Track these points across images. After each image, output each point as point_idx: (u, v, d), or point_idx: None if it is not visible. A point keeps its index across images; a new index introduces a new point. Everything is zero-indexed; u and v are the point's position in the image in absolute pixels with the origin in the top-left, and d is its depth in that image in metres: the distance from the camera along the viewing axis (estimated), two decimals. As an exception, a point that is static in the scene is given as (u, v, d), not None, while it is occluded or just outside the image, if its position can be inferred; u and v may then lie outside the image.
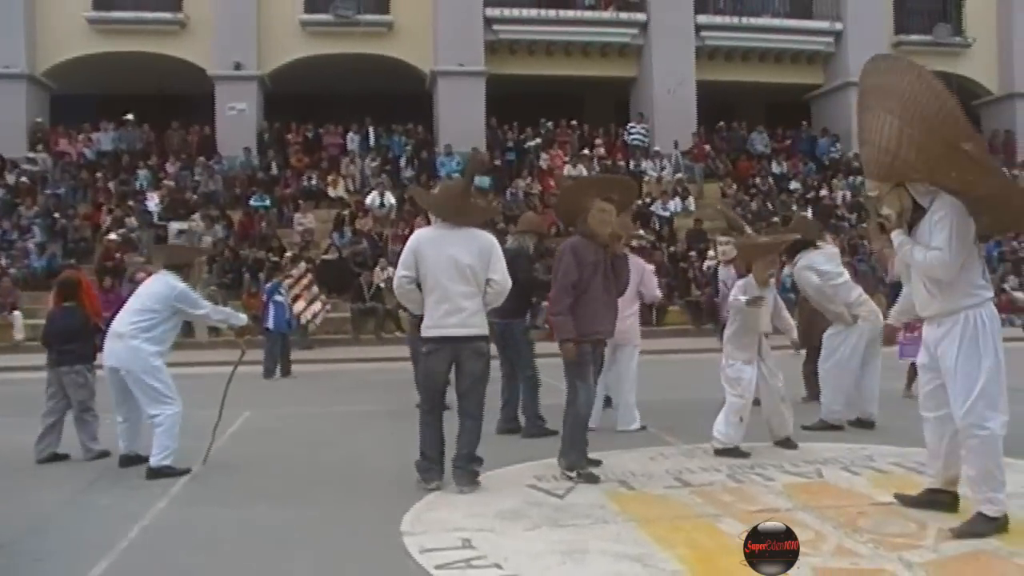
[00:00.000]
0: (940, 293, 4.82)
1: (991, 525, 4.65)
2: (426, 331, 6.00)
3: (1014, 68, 27.03)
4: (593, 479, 6.01)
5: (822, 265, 8.02)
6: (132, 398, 6.79)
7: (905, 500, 5.20)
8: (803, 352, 8.94)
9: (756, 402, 7.07)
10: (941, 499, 5.10)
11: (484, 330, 6.01)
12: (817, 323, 8.36)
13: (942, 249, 4.69)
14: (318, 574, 4.51)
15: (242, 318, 7.34)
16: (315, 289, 17.68)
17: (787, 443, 7.02)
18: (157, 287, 6.90)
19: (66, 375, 7.39)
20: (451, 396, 6.08)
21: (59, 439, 7.37)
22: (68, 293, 7.73)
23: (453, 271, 5.86)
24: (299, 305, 17.46)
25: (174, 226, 20.29)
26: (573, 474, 6.08)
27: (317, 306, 17.79)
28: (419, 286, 5.97)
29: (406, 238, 6.90)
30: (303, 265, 17.66)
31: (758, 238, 7.53)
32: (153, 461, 6.57)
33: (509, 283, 6.07)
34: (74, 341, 7.31)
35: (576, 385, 6.24)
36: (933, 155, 4.60)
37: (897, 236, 4.98)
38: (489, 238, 6.09)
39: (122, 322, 6.80)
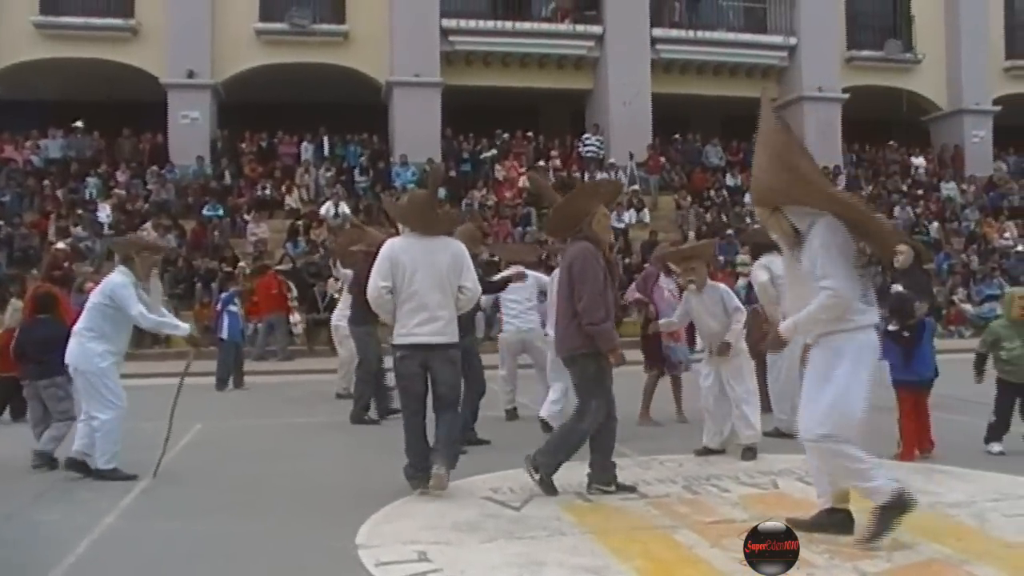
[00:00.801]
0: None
1: (890, 512, 4.64)
2: (398, 338, 6.03)
3: (962, 84, 27.52)
4: (552, 491, 5.96)
5: (779, 268, 8.15)
6: None
7: (799, 524, 4.82)
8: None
9: None
10: (836, 519, 4.95)
11: (456, 338, 6.08)
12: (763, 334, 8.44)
13: (828, 284, 4.64)
14: (271, 589, 4.44)
15: (183, 327, 7.13)
16: None
17: (746, 453, 7.07)
18: (104, 281, 7.01)
19: (45, 388, 7.46)
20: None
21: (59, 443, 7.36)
22: (44, 306, 7.76)
23: (429, 279, 5.93)
24: (295, 316, 17.60)
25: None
26: (537, 476, 5.95)
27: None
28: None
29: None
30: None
31: (679, 248, 7.77)
32: (100, 464, 6.71)
33: (479, 290, 6.23)
34: (51, 352, 7.19)
35: (592, 403, 6.02)
36: (780, 178, 4.74)
37: (785, 327, 5.02)
38: (460, 246, 6.18)
39: (79, 322, 6.93)
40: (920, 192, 26.02)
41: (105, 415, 6.69)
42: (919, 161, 27.35)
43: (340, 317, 11.33)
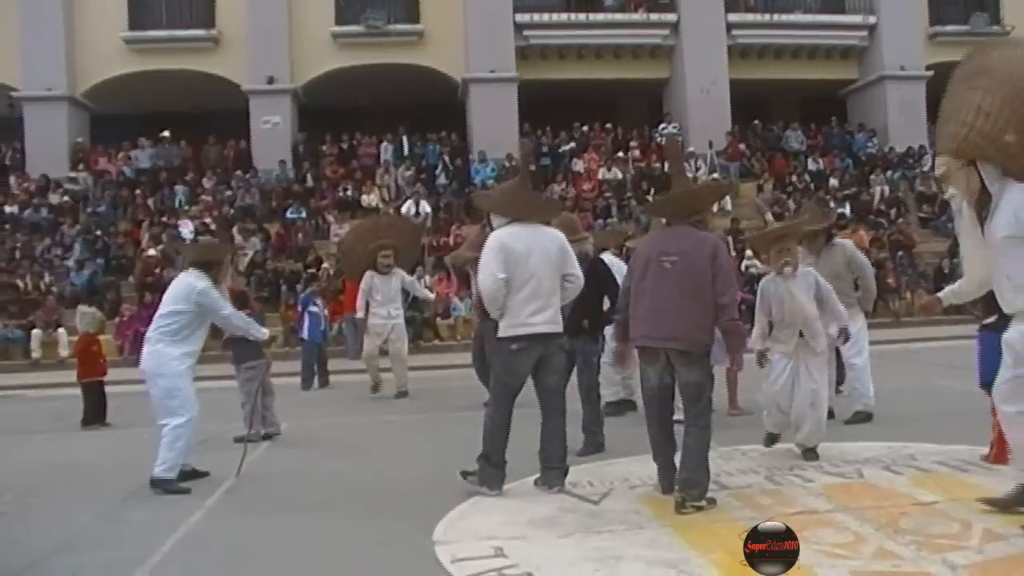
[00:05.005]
0: None
1: None
2: (513, 329, 5.83)
3: (1055, 54, 26.42)
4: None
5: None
6: None
7: (996, 503, 4.86)
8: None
9: None
10: None
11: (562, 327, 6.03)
12: None
13: None
14: (350, 585, 4.49)
15: (264, 332, 7.18)
16: None
17: (809, 454, 6.56)
18: (178, 286, 6.82)
19: (243, 371, 8.48)
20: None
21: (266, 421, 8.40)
22: (241, 302, 8.36)
23: (544, 268, 5.83)
24: None
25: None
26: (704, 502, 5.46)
27: None
28: None
29: (441, 247, 6.82)
30: None
31: (768, 229, 7.41)
32: (155, 471, 6.49)
33: (583, 279, 6.07)
34: (247, 342, 7.93)
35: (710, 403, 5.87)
36: (1006, 123, 4.55)
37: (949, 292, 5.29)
38: (559, 234, 6.11)
39: (151, 327, 6.78)
40: (1014, 169, 25.09)
41: (174, 421, 6.51)
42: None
43: None
